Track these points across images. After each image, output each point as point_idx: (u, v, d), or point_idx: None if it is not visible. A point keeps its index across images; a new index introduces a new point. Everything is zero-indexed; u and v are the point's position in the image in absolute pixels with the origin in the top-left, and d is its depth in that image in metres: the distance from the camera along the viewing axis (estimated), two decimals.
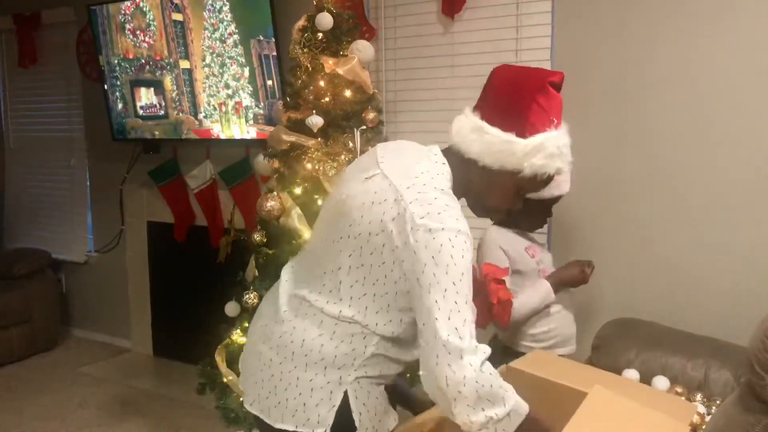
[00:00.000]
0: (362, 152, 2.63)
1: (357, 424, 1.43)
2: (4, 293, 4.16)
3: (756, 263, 2.47)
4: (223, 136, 3.67)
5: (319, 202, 2.66)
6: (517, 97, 1.44)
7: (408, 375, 2.13)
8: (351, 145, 2.64)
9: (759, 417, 1.72)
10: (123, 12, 3.81)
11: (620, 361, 2.31)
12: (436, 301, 1.28)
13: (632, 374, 1.95)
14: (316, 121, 2.57)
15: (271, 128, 2.81)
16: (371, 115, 2.69)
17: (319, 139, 2.64)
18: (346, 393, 1.43)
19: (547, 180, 1.45)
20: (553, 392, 1.51)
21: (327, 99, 2.62)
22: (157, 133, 3.92)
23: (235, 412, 2.67)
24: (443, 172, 1.43)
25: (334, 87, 2.63)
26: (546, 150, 1.42)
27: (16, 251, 4.61)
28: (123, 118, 4.03)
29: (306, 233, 2.59)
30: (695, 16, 2.50)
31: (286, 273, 1.64)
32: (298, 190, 2.65)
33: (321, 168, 2.64)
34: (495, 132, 1.40)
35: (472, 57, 3.00)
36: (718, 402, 2.03)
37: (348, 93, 2.64)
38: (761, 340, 1.76)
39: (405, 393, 1.79)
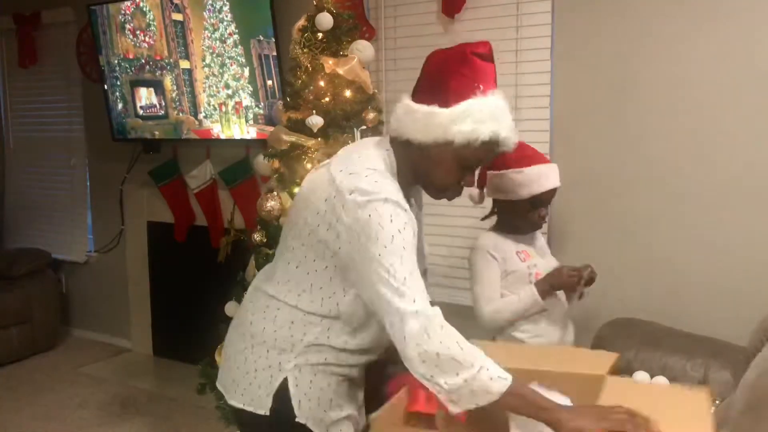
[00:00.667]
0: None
1: (296, 411, 1.47)
2: (4, 293, 4.16)
3: (755, 263, 2.47)
4: (223, 136, 3.67)
5: None
6: (440, 72, 1.46)
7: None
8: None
9: None
10: (123, 12, 3.81)
11: (620, 361, 2.31)
12: (376, 271, 1.31)
13: (642, 376, 1.95)
14: (316, 121, 2.57)
15: (271, 128, 2.81)
16: (371, 115, 2.69)
17: (319, 139, 2.64)
18: (285, 379, 1.46)
19: (489, 146, 1.43)
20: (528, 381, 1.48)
21: (327, 99, 2.62)
22: (157, 133, 3.92)
23: None
24: (383, 156, 1.47)
25: (334, 87, 2.63)
26: (473, 115, 1.39)
27: (16, 251, 4.61)
28: (123, 118, 4.03)
29: None
30: (695, 15, 2.50)
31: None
32: (297, 190, 2.65)
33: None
34: (419, 107, 1.43)
35: None
36: (717, 402, 2.03)
37: (348, 93, 2.64)
38: (761, 340, 1.76)
39: None
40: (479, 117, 1.39)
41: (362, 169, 1.41)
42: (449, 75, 1.44)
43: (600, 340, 2.51)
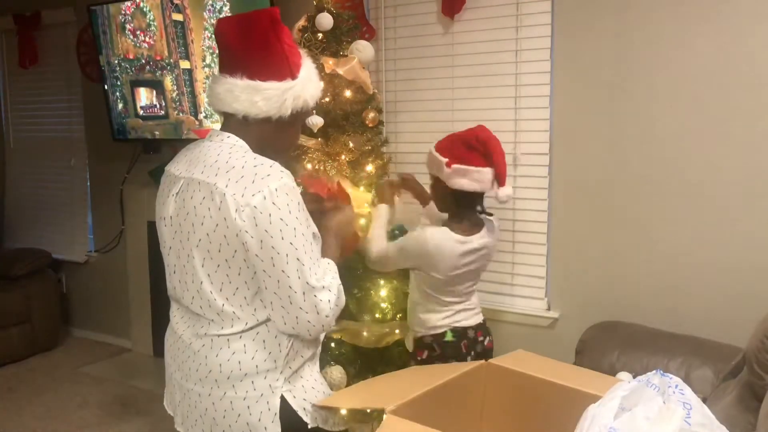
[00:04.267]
0: (361, 153, 2.64)
1: (307, 419, 1.50)
2: (4, 293, 4.16)
3: (755, 263, 2.47)
4: None
5: None
6: (266, 45, 1.47)
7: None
8: (351, 145, 2.64)
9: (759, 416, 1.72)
10: (123, 12, 3.81)
11: (603, 364, 2.34)
12: (283, 271, 1.36)
13: (625, 376, 1.97)
14: (316, 121, 2.57)
15: None
16: (371, 115, 2.70)
17: (319, 139, 2.64)
18: (282, 397, 1.46)
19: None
20: (532, 388, 1.53)
21: (327, 99, 2.62)
22: (157, 133, 3.93)
23: None
24: (238, 144, 1.47)
25: (334, 87, 2.63)
26: (312, 79, 1.53)
27: (16, 251, 4.61)
28: (123, 118, 4.03)
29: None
30: (694, 16, 2.50)
31: (173, 314, 1.65)
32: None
33: (321, 168, 2.65)
34: (273, 85, 1.45)
35: (472, 57, 3.00)
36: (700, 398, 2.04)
37: (348, 93, 2.65)
38: (760, 341, 1.76)
39: None
40: (311, 78, 1.53)
41: (235, 162, 1.42)
42: (280, 47, 1.47)
43: (583, 344, 2.52)
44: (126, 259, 4.36)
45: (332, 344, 2.61)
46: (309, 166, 2.64)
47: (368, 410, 2.14)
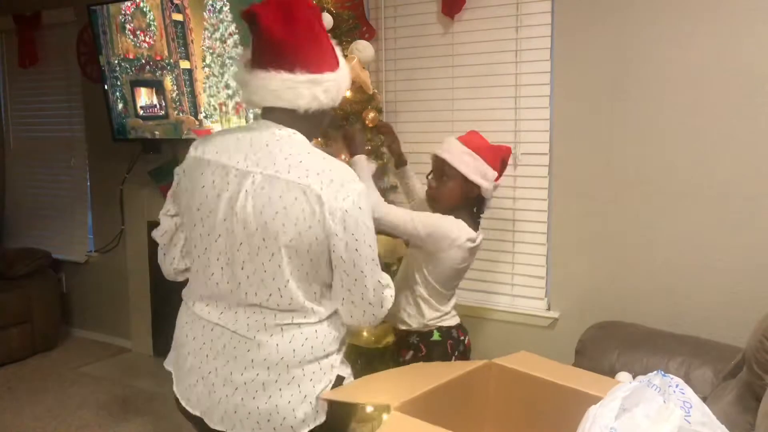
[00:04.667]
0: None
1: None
2: (4, 293, 4.16)
3: (755, 263, 2.47)
4: None
5: None
6: (316, 36, 1.48)
7: None
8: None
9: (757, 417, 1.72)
10: (123, 12, 3.81)
11: (603, 364, 2.34)
12: (362, 271, 1.47)
13: (625, 377, 1.97)
14: None
15: None
16: (371, 115, 2.70)
17: (320, 139, 2.64)
18: (338, 376, 1.57)
19: None
20: (535, 388, 1.54)
21: None
22: (157, 133, 3.93)
23: None
24: (304, 141, 1.51)
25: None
26: (345, 65, 1.58)
27: (16, 251, 4.61)
28: (123, 118, 4.03)
29: None
30: (694, 16, 2.51)
31: (210, 311, 1.60)
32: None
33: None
34: (330, 76, 1.49)
35: (472, 57, 3.00)
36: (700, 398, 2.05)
37: (348, 93, 2.64)
38: (759, 341, 1.76)
39: None
40: (345, 63, 1.58)
41: (318, 164, 1.46)
42: (323, 39, 1.50)
43: (583, 344, 2.52)
44: (126, 259, 4.36)
45: None
46: None
47: (372, 407, 2.14)
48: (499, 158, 2.20)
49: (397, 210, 2.10)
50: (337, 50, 1.55)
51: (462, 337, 2.29)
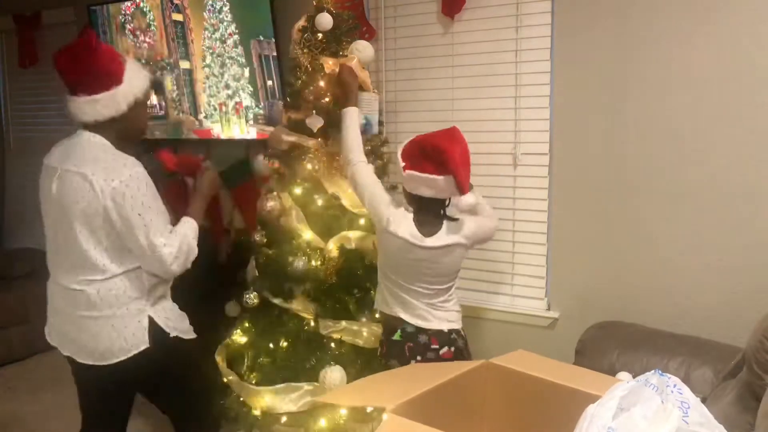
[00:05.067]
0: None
1: (168, 330, 2.11)
2: (3, 293, 4.16)
3: (755, 263, 2.47)
4: (223, 137, 3.67)
5: (319, 202, 2.67)
6: (88, 64, 1.99)
7: None
8: None
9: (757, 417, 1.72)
10: (123, 12, 3.81)
11: (603, 364, 2.34)
12: (135, 234, 1.96)
13: (625, 376, 1.97)
14: (316, 121, 2.57)
15: (271, 128, 2.81)
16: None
17: (319, 139, 2.64)
18: (149, 317, 2.07)
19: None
20: (533, 388, 1.54)
21: (327, 99, 2.62)
22: (157, 133, 3.93)
23: (235, 412, 2.67)
24: (99, 142, 2.02)
25: (334, 87, 2.63)
26: (135, 77, 2.07)
27: (16, 251, 4.61)
28: None
29: (306, 233, 2.60)
30: (694, 15, 2.50)
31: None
32: (298, 190, 2.66)
33: (321, 168, 2.65)
34: (102, 95, 1.99)
35: (472, 57, 3.00)
36: (699, 398, 2.05)
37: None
38: (759, 341, 1.76)
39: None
40: (137, 73, 2.09)
41: (98, 155, 1.99)
42: (106, 63, 2.00)
43: (583, 344, 2.52)
44: None
45: (332, 344, 2.61)
46: (309, 166, 2.64)
47: (369, 409, 2.14)
48: (414, 146, 2.15)
49: (364, 173, 2.29)
50: (130, 66, 2.05)
51: (435, 346, 2.23)
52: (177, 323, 2.17)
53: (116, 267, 2.00)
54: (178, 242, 2.06)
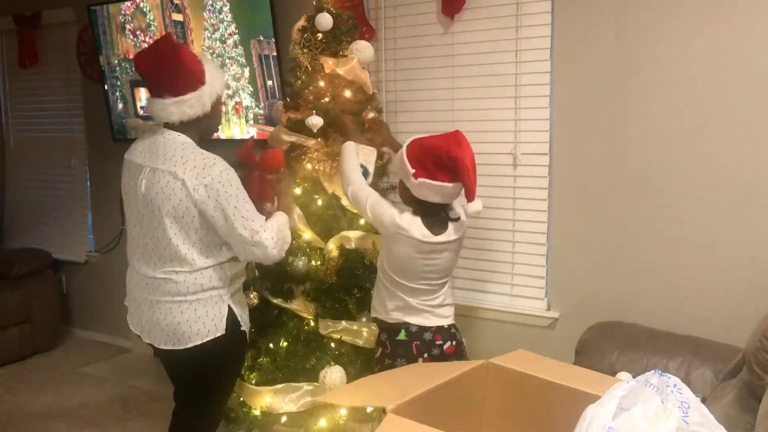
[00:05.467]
0: (362, 152, 2.64)
1: (240, 321, 2.18)
2: (4, 293, 4.16)
3: (755, 263, 2.47)
4: (223, 137, 3.67)
5: (319, 202, 2.67)
6: (175, 65, 2.02)
7: None
8: None
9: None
10: (123, 12, 3.81)
11: (603, 363, 2.34)
12: (235, 226, 2.02)
13: (625, 376, 1.98)
14: (316, 121, 2.57)
15: (271, 128, 2.81)
16: (371, 115, 2.70)
17: (319, 139, 2.64)
18: (229, 306, 2.14)
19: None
20: (532, 388, 1.53)
21: (327, 99, 2.62)
22: None
23: (235, 412, 2.67)
24: (186, 142, 2.08)
25: (333, 87, 2.63)
26: (215, 76, 2.13)
27: (16, 251, 4.61)
28: (123, 118, 4.03)
29: (306, 233, 2.60)
30: (694, 15, 2.50)
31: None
32: (298, 190, 2.66)
33: (321, 168, 2.65)
34: (190, 96, 2.04)
35: (472, 57, 3.00)
36: (699, 398, 2.05)
37: (348, 93, 2.65)
38: (759, 341, 1.76)
39: None
40: (217, 76, 2.15)
41: (189, 155, 2.04)
42: (186, 65, 2.04)
43: (583, 344, 2.52)
44: (126, 259, 4.35)
45: (332, 344, 2.61)
46: (309, 166, 2.64)
47: (369, 409, 2.15)
48: (426, 153, 2.15)
49: (363, 187, 2.34)
50: (207, 65, 2.11)
51: (439, 342, 2.29)
52: (247, 319, 2.24)
53: (203, 261, 2.07)
54: (276, 229, 2.12)
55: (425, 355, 2.26)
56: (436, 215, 2.22)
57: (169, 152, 2.05)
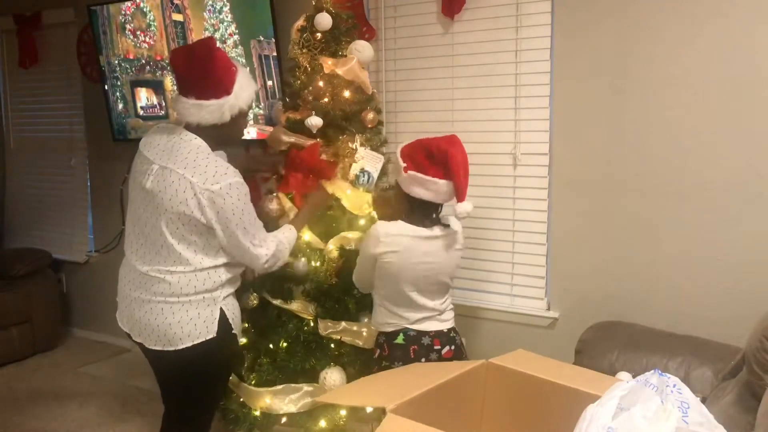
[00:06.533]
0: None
1: (231, 324, 2.17)
2: (4, 293, 4.16)
3: (755, 263, 2.47)
4: None
5: None
6: (205, 70, 2.02)
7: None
8: (351, 145, 2.64)
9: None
10: (123, 12, 3.81)
11: (602, 363, 2.34)
12: (239, 236, 2.06)
13: (625, 376, 1.98)
14: (315, 121, 2.57)
15: (271, 128, 2.81)
16: (370, 115, 2.70)
17: (319, 139, 2.64)
18: (221, 308, 2.13)
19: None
20: (532, 388, 1.53)
21: (326, 99, 2.62)
22: None
23: (235, 413, 2.67)
24: (201, 146, 2.08)
25: (333, 87, 2.63)
26: (244, 89, 2.11)
27: (16, 251, 4.61)
28: (123, 118, 4.03)
29: (306, 233, 2.60)
30: (694, 15, 2.50)
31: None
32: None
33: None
34: (211, 103, 2.04)
35: (471, 57, 3.00)
36: (698, 398, 2.04)
37: (347, 93, 2.65)
38: (759, 340, 1.76)
39: None
40: (245, 87, 2.12)
41: (201, 160, 2.04)
42: (216, 72, 2.03)
43: (583, 344, 2.52)
44: None
45: (332, 345, 2.61)
46: None
47: (369, 409, 2.15)
48: (417, 148, 2.18)
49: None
50: (241, 77, 2.09)
51: (437, 347, 2.29)
52: (238, 322, 2.22)
53: (200, 262, 2.07)
54: (274, 246, 2.18)
55: (423, 360, 2.26)
56: (426, 216, 2.23)
57: (183, 154, 2.05)
